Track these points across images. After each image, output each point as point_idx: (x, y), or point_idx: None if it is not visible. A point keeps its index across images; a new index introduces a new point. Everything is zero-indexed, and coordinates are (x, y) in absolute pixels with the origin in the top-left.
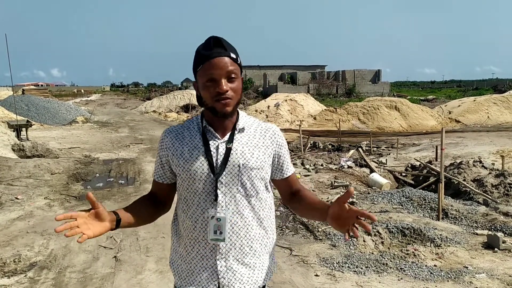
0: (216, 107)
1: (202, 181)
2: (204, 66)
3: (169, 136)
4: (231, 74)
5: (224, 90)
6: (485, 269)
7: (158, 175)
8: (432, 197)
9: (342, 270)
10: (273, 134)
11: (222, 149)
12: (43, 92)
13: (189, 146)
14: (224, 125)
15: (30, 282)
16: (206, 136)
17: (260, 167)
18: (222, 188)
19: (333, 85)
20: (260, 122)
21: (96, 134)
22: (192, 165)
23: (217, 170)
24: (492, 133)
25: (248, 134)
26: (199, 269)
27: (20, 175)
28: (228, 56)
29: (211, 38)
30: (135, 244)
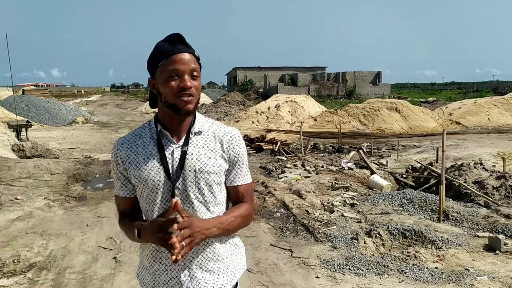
0: (178, 103)
1: (160, 189)
2: (166, 61)
3: (122, 148)
4: (194, 71)
5: (188, 85)
6: (487, 272)
7: (123, 190)
8: (433, 199)
9: (343, 272)
10: (231, 139)
11: (178, 153)
12: (43, 92)
13: (144, 155)
14: (180, 128)
15: (29, 282)
16: (161, 141)
17: (217, 172)
18: (179, 194)
19: (334, 86)
20: (220, 125)
21: (96, 134)
22: (148, 174)
23: (173, 176)
24: (492, 135)
25: (205, 137)
26: (164, 279)
27: (20, 176)
28: (192, 54)
29: (175, 34)
30: (135, 245)
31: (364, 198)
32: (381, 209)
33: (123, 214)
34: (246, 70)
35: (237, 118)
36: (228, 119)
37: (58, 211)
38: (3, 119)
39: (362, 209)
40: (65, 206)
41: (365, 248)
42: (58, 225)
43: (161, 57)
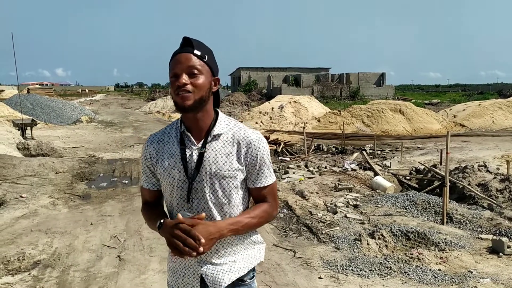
0: (176, 100)
1: (180, 187)
2: (170, 63)
3: (152, 145)
4: (192, 69)
5: (181, 83)
6: (490, 274)
7: (148, 183)
8: (437, 201)
9: (346, 273)
10: (250, 143)
11: (196, 155)
12: (48, 91)
13: (168, 154)
14: (200, 128)
15: (34, 280)
16: (184, 141)
17: (232, 176)
18: (195, 193)
19: (337, 87)
20: (241, 127)
21: (100, 133)
22: (170, 172)
23: (191, 175)
24: (497, 138)
25: (224, 140)
26: (183, 268)
27: (25, 174)
28: (192, 53)
29: (183, 38)
30: (139, 244)
31: (367, 200)
32: (384, 211)
33: (146, 203)
34: (250, 70)
35: (240, 119)
36: None
37: (62, 210)
38: (9, 118)
39: (365, 211)
40: (69, 204)
41: (368, 249)
42: (63, 223)
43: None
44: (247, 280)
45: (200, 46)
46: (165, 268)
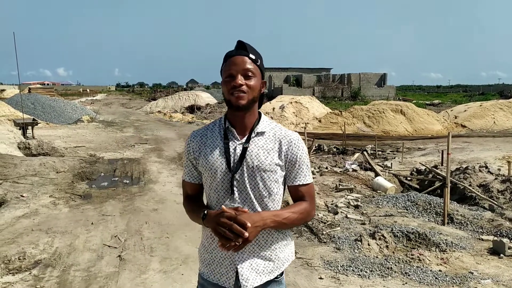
0: (231, 99)
1: (220, 178)
2: (225, 64)
3: (195, 140)
4: (247, 72)
5: (238, 83)
6: (491, 275)
7: (190, 176)
8: (438, 202)
9: (347, 274)
10: (290, 141)
11: (239, 149)
12: (49, 91)
13: (211, 147)
14: (244, 126)
15: (34, 279)
16: (228, 136)
17: (272, 170)
18: (237, 185)
19: (339, 88)
20: (281, 128)
21: (101, 133)
22: (213, 164)
23: (233, 168)
24: (498, 139)
25: (266, 138)
26: (219, 259)
27: (26, 173)
28: (247, 56)
29: (237, 41)
30: (140, 243)
31: (368, 200)
32: (385, 211)
33: (187, 196)
34: None
35: None
36: None
37: (63, 209)
38: (10, 117)
39: (366, 211)
40: (70, 204)
41: (368, 250)
42: (63, 223)
43: (223, 62)
44: (279, 277)
45: (253, 51)
46: (166, 268)
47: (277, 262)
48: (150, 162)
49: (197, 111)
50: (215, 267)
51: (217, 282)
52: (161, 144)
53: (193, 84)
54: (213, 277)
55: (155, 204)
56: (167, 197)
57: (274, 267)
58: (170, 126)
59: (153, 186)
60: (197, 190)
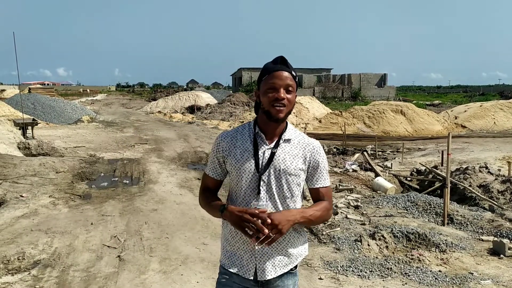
0: (271, 111)
1: (248, 178)
2: (269, 76)
3: (225, 140)
4: (289, 87)
5: (281, 97)
6: (491, 276)
7: (213, 172)
8: (438, 202)
9: (346, 274)
10: (313, 149)
11: (268, 153)
12: (49, 91)
13: (241, 149)
14: (273, 132)
15: (33, 280)
16: (257, 140)
17: (297, 174)
18: (264, 186)
19: (339, 88)
20: (305, 136)
21: (101, 133)
22: (242, 165)
23: (261, 170)
24: (498, 139)
25: (292, 145)
26: (241, 251)
27: (25, 173)
28: (290, 72)
29: (279, 57)
30: (139, 244)
31: (368, 201)
32: (385, 212)
33: (205, 189)
34: (251, 70)
35: (241, 119)
36: (233, 119)
37: (63, 209)
38: (10, 117)
39: (366, 211)
40: (70, 204)
41: (368, 250)
42: (63, 223)
43: (265, 73)
44: (294, 269)
45: (291, 67)
46: (165, 269)
47: (292, 257)
48: (150, 162)
49: (197, 111)
50: (236, 259)
51: (237, 273)
52: (161, 145)
53: (193, 84)
54: (234, 268)
55: (154, 205)
56: (167, 198)
57: (289, 261)
58: (170, 126)
59: (153, 186)
60: (217, 185)
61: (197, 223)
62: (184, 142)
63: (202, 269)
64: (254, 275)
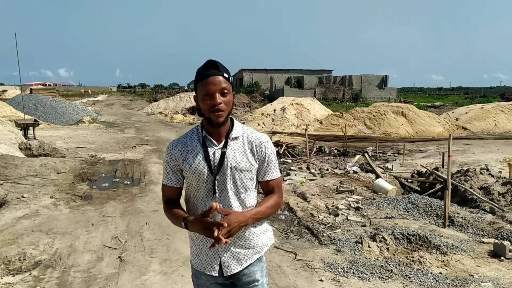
0: (211, 117)
1: (204, 180)
2: (202, 83)
3: (177, 148)
4: (224, 90)
5: (217, 102)
6: (491, 278)
7: (170, 181)
8: (438, 204)
9: (347, 276)
10: (260, 143)
11: (218, 153)
12: (50, 91)
13: (192, 153)
14: (220, 133)
15: (34, 280)
16: (206, 143)
17: (248, 169)
18: (218, 185)
19: (340, 89)
20: (253, 131)
21: (102, 134)
22: (196, 168)
23: (215, 171)
24: (499, 141)
25: (240, 141)
26: (205, 250)
27: (27, 174)
28: (222, 76)
29: (209, 61)
30: (140, 245)
31: (369, 202)
32: (386, 213)
33: (168, 201)
34: (252, 72)
35: (242, 120)
36: None
37: (64, 210)
38: (11, 118)
39: (366, 213)
40: (71, 205)
41: (369, 252)
42: (64, 224)
43: (198, 80)
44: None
45: (225, 69)
46: (166, 269)
47: (256, 248)
48: (151, 163)
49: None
50: (202, 257)
51: (203, 271)
52: (162, 145)
53: None
54: (200, 267)
55: (155, 205)
56: None
57: (254, 252)
58: (171, 127)
59: (153, 187)
60: (177, 193)
61: None
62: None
63: None
64: (219, 271)
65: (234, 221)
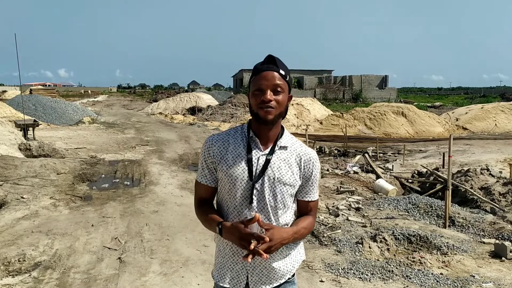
0: (259, 113)
1: (241, 186)
2: (255, 77)
3: (216, 144)
4: (277, 87)
5: (268, 99)
6: (492, 278)
7: (207, 179)
8: (439, 205)
9: (348, 277)
10: (309, 159)
11: (262, 160)
12: (50, 92)
13: (233, 154)
14: (268, 137)
15: (34, 281)
16: (251, 145)
17: (292, 184)
18: (257, 194)
19: (340, 90)
20: (302, 145)
21: (102, 135)
22: (234, 171)
23: (255, 178)
24: (499, 141)
25: (288, 152)
26: (231, 263)
27: (26, 175)
28: (277, 72)
29: (267, 56)
30: (140, 245)
31: (370, 203)
32: (387, 214)
33: (200, 200)
34: None
35: (243, 120)
36: (234, 121)
37: (63, 211)
38: (11, 118)
39: (367, 214)
40: (70, 205)
41: (370, 252)
42: (64, 225)
43: (252, 74)
44: (291, 278)
45: (283, 66)
46: (166, 270)
47: (287, 266)
48: (151, 163)
49: (198, 112)
50: (227, 271)
51: (227, 286)
52: (162, 146)
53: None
54: (222, 281)
55: (155, 206)
56: (168, 199)
57: (285, 271)
58: (171, 127)
59: (153, 188)
60: (212, 193)
61: (198, 224)
62: (185, 144)
63: (203, 271)
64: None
65: (277, 237)
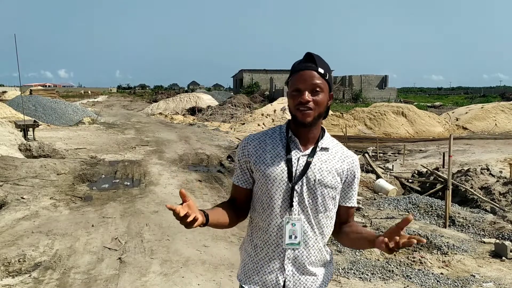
0: (296, 115)
1: (280, 188)
2: (293, 77)
3: (252, 143)
4: (315, 87)
5: (305, 100)
6: (493, 278)
7: (239, 180)
8: (439, 204)
9: (348, 276)
10: (352, 162)
11: (303, 161)
12: (50, 92)
13: (272, 154)
14: (308, 138)
15: (34, 282)
16: (290, 146)
17: (333, 187)
18: (296, 197)
19: (340, 90)
20: (343, 147)
21: (102, 135)
22: (273, 172)
23: (294, 179)
24: (499, 141)
25: (329, 154)
26: (266, 270)
27: (26, 175)
28: (316, 71)
29: (306, 53)
30: (140, 246)
31: (370, 203)
32: (387, 214)
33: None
34: (252, 72)
35: (243, 121)
36: (234, 121)
37: (64, 211)
38: (11, 119)
39: (367, 214)
40: (70, 206)
41: (370, 252)
42: (64, 225)
43: (290, 74)
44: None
45: (322, 63)
46: (166, 271)
47: (322, 278)
48: (151, 164)
49: (198, 113)
50: (261, 278)
51: None
52: (162, 146)
53: (194, 86)
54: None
55: (155, 206)
56: (168, 199)
57: (321, 283)
58: (171, 128)
59: (154, 188)
60: (245, 196)
61: None
62: (185, 144)
63: (203, 271)
64: None
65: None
